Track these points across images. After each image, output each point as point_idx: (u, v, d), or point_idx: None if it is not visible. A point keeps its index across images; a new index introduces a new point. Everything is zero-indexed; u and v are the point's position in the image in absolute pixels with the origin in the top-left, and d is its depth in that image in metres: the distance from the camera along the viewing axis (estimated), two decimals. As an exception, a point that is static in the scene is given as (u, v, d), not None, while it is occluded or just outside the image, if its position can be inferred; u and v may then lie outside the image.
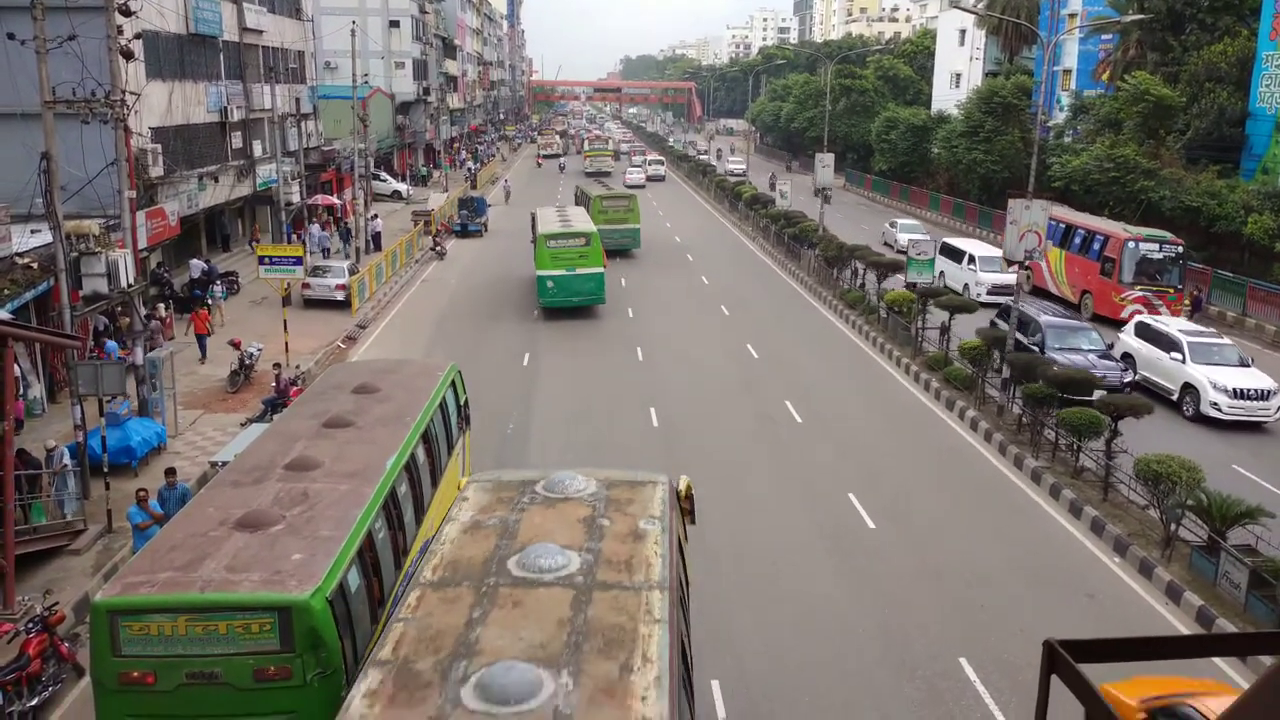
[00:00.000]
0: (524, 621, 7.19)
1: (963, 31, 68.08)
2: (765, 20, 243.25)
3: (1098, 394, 19.58)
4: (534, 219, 36.54)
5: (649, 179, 74.45)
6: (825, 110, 54.32)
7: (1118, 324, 28.69)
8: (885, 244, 43.98)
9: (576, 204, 44.65)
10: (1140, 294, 30.56)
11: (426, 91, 75.44)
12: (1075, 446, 19.07)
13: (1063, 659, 2.74)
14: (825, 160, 47.58)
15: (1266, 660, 10.80)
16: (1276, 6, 36.95)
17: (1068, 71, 54.20)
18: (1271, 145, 37.00)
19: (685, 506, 10.28)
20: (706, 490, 18.48)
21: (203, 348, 26.10)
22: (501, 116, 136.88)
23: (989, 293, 32.91)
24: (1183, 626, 14.10)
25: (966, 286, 33.96)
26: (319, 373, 23.52)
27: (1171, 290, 31.12)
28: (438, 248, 44.02)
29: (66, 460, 16.56)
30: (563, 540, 8.39)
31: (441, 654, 6.86)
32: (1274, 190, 34.87)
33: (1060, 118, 51.97)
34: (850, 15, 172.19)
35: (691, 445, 20.67)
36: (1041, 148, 36.40)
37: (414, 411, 13.90)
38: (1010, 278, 30.09)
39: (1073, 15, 53.22)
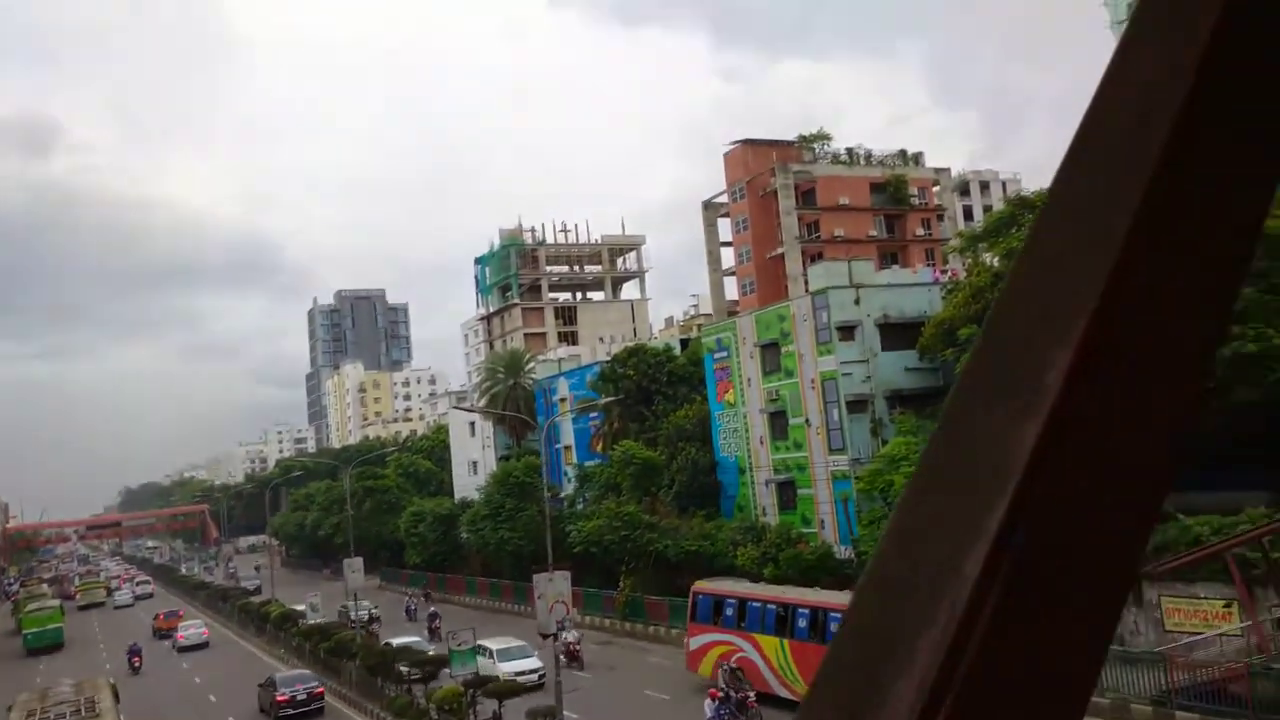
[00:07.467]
0: None
1: (472, 424, 72.64)
2: (280, 434, 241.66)
3: None
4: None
5: (137, 598, 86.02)
6: (349, 514, 53.49)
7: None
8: None
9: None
10: None
11: None
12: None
13: None
14: (354, 565, 46.31)
15: None
16: (716, 376, 44.70)
17: (568, 447, 59.56)
18: (740, 486, 42.99)
19: None
20: None
21: None
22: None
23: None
24: None
25: None
26: None
27: None
28: None
29: None
30: None
31: None
32: (750, 524, 40.04)
33: (569, 488, 56.28)
34: (366, 420, 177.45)
35: None
36: (558, 518, 38.58)
37: None
38: (532, 662, 33.10)
39: (563, 400, 59.59)
